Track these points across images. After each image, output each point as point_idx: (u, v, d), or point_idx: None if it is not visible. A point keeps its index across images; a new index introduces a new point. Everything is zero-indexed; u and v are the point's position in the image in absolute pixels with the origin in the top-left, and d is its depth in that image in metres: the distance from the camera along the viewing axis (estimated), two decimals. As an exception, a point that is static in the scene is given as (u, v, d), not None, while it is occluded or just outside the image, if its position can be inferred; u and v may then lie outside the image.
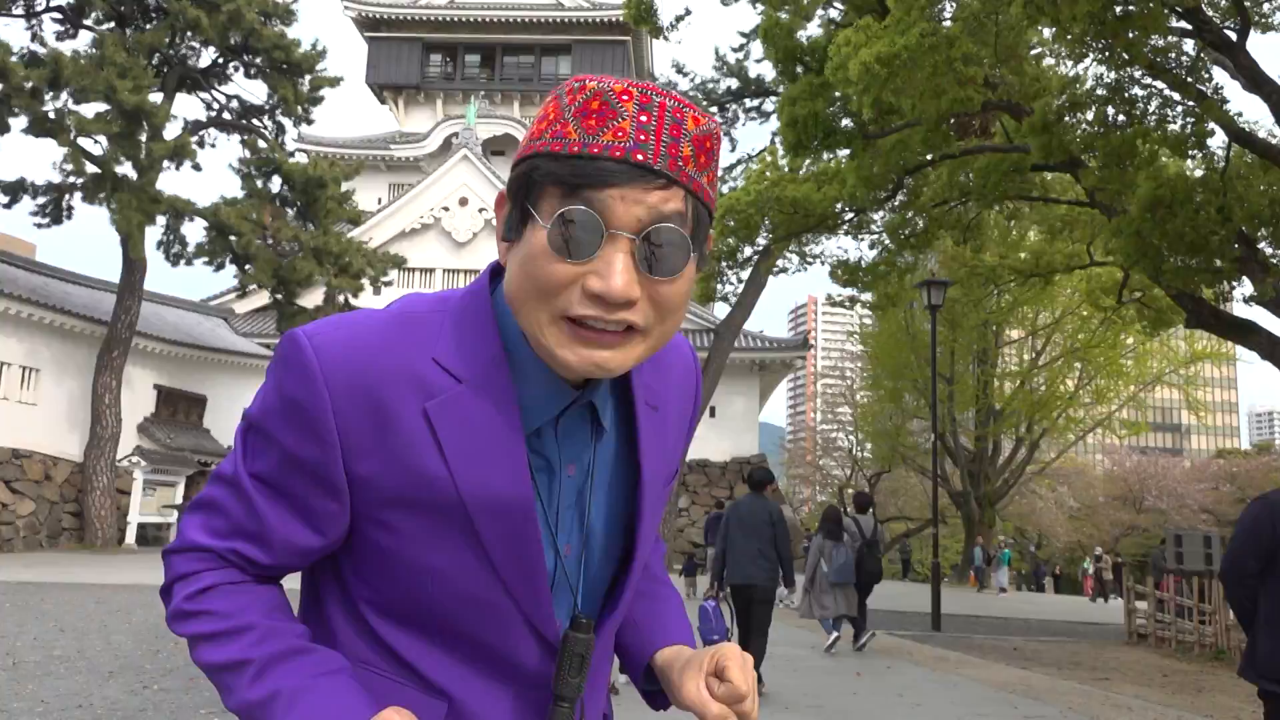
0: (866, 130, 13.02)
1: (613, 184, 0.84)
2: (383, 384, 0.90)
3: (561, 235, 0.85)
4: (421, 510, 0.91)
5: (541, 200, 0.87)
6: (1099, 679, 9.94)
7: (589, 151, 0.84)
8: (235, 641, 0.93)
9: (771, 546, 7.67)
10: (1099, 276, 18.25)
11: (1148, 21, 9.47)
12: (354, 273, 25.63)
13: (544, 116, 0.89)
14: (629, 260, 0.85)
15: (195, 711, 6.28)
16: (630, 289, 0.85)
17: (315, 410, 0.90)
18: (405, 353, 0.92)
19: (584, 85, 0.87)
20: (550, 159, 0.86)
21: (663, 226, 0.85)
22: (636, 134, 0.84)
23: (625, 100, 0.85)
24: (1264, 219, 10.37)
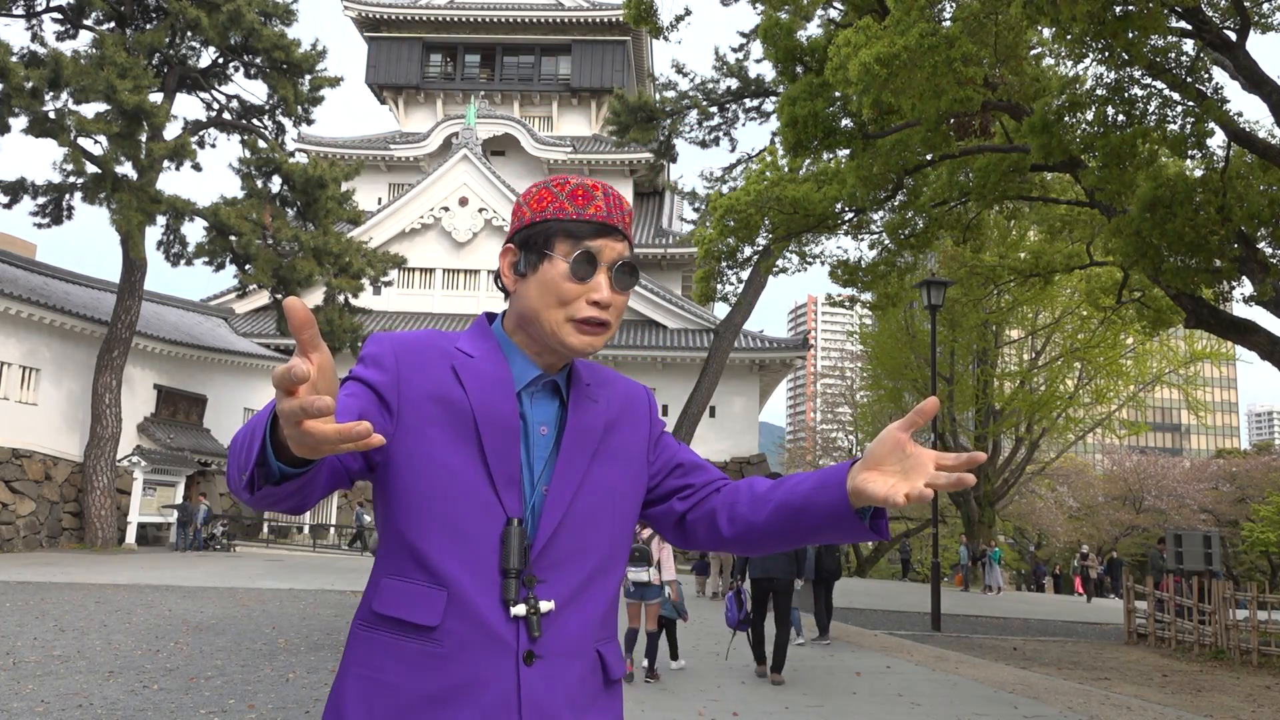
0: (866, 130, 13.02)
1: (601, 237, 1.42)
2: (426, 352, 1.43)
3: (578, 267, 1.39)
4: (446, 423, 1.37)
5: (555, 246, 1.41)
6: (1098, 679, 9.94)
7: (584, 218, 1.41)
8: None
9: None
10: (1099, 276, 18.25)
11: (1148, 21, 9.47)
12: (354, 273, 25.63)
13: (540, 201, 1.44)
14: (609, 281, 1.42)
15: (195, 711, 6.28)
16: (612, 298, 1.42)
17: (383, 357, 1.41)
18: (439, 341, 1.46)
19: (567, 181, 1.45)
20: (559, 223, 1.41)
21: (626, 261, 1.44)
22: (607, 209, 1.43)
23: (595, 189, 1.44)
24: (1264, 219, 10.37)
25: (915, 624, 15.39)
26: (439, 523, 1.35)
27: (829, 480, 1.37)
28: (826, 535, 1.39)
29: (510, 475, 1.38)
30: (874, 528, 1.37)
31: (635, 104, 25.94)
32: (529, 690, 1.33)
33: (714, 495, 1.53)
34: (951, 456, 1.26)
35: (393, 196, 39.27)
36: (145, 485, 24.93)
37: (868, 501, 1.28)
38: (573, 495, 1.41)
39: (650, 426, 1.57)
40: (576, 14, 42.40)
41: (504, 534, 1.35)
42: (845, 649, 10.99)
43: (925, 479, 1.23)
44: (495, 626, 1.32)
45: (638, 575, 8.16)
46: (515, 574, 1.34)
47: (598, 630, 1.43)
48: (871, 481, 1.27)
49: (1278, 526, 39.25)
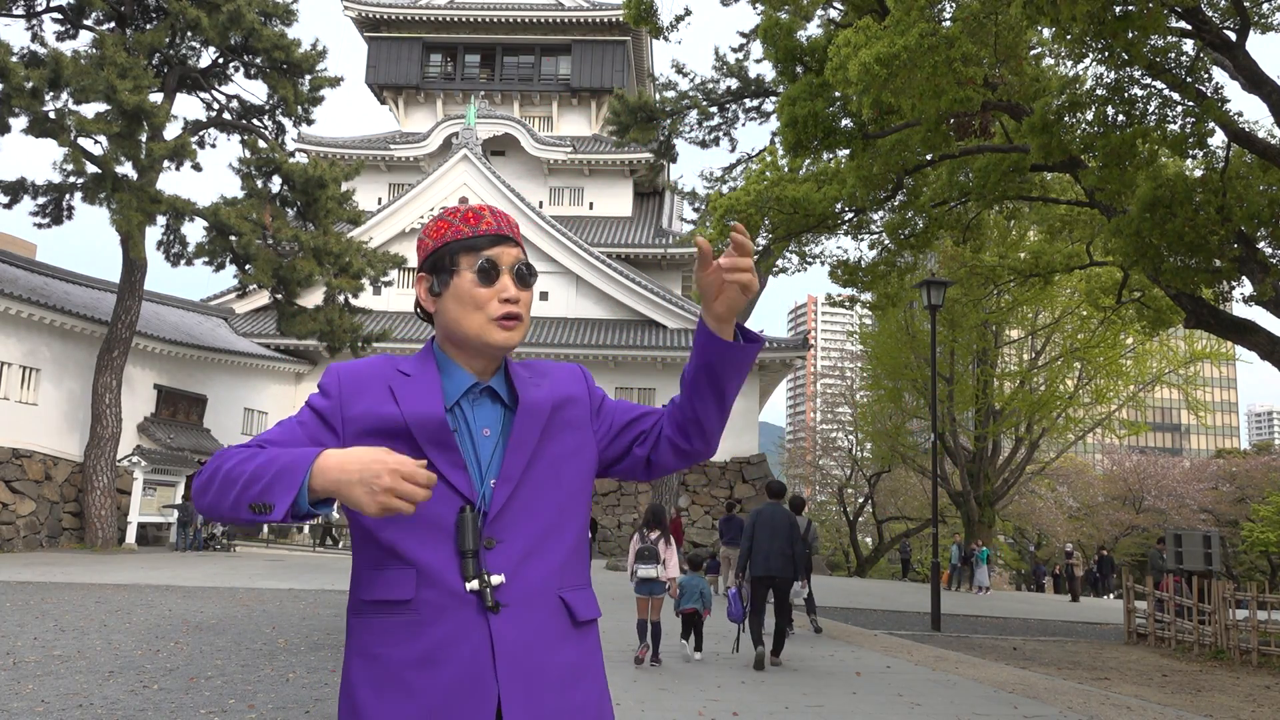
0: (866, 130, 13.01)
1: (498, 246, 1.65)
2: (369, 375, 1.66)
3: (480, 273, 1.62)
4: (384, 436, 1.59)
5: (460, 262, 1.63)
6: (1098, 679, 9.94)
7: (479, 234, 1.64)
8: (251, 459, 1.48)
9: (789, 545, 9.23)
10: (1099, 276, 18.25)
11: (1148, 21, 9.47)
12: (354, 273, 25.62)
13: (439, 229, 1.67)
14: (512, 279, 1.64)
15: (195, 711, 6.28)
16: (519, 294, 1.64)
17: (329, 386, 1.65)
18: (383, 367, 1.67)
19: (457, 210, 1.67)
20: (458, 243, 1.64)
21: (522, 264, 1.67)
22: (497, 224, 1.66)
23: (483, 210, 1.67)
24: (1263, 219, 10.38)
25: (915, 624, 15.39)
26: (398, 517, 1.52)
27: (699, 342, 1.65)
28: (730, 373, 1.64)
29: (453, 461, 1.58)
30: (747, 339, 1.64)
31: (635, 104, 25.93)
32: (500, 636, 1.52)
33: (658, 428, 1.74)
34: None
35: (393, 196, 39.26)
36: (145, 485, 24.93)
37: (720, 316, 1.60)
38: (522, 471, 1.60)
39: (590, 398, 1.76)
40: (576, 14, 42.39)
41: (458, 520, 1.55)
42: (845, 649, 10.99)
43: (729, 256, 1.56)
44: (461, 589, 1.53)
45: (646, 572, 8.85)
46: (471, 554, 1.53)
47: (559, 579, 1.61)
48: (717, 306, 1.59)
49: (1277, 526, 39.25)
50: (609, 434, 1.75)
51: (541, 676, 1.55)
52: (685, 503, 31.76)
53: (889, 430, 37.13)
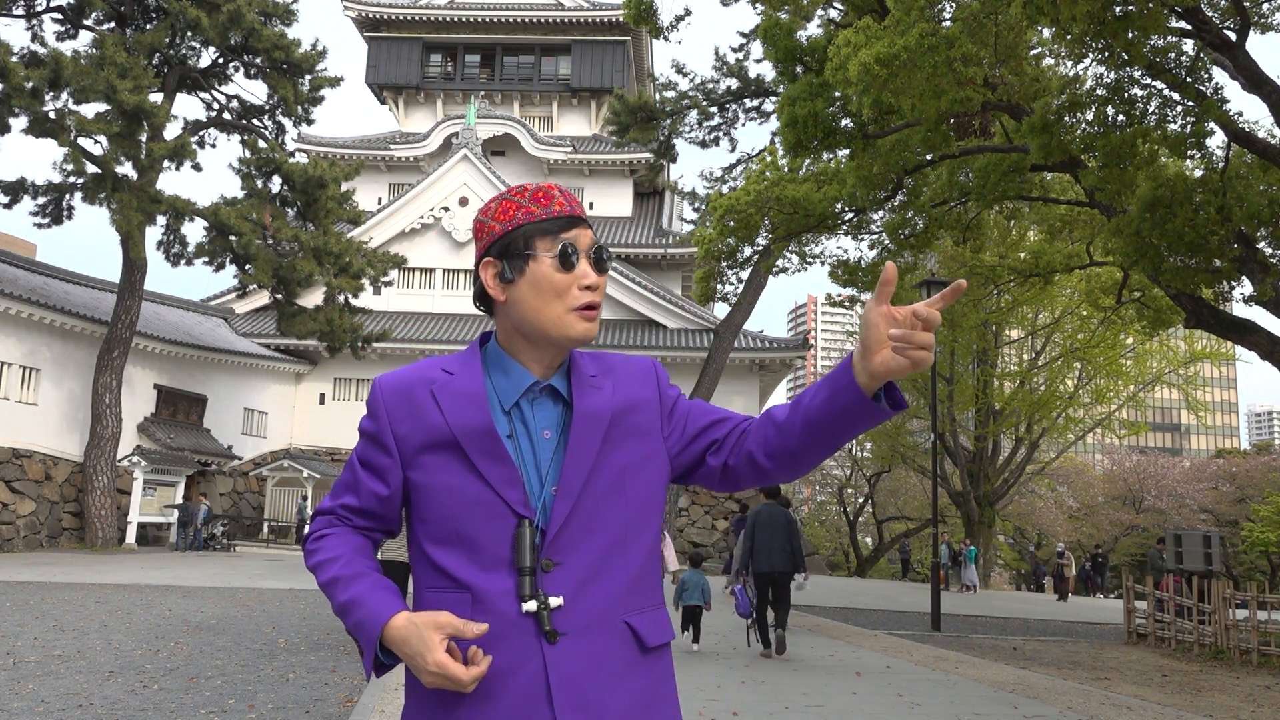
0: (866, 130, 13.01)
1: (575, 228, 1.51)
2: (411, 383, 1.54)
3: (561, 258, 1.48)
4: (436, 450, 1.49)
5: (536, 246, 1.49)
6: (1098, 679, 9.94)
7: (553, 215, 1.50)
8: (331, 567, 1.50)
9: (787, 541, 9.88)
10: (1099, 276, 18.25)
11: (1148, 21, 9.47)
12: (354, 273, 25.62)
13: (507, 211, 1.52)
14: (591, 265, 1.51)
15: (195, 711, 6.28)
16: (598, 280, 1.51)
17: (374, 405, 1.56)
18: (426, 371, 1.56)
19: (524, 188, 1.53)
20: (533, 225, 1.50)
21: (600, 246, 1.53)
22: (569, 205, 1.53)
23: (552, 190, 1.53)
24: (1263, 219, 10.37)
25: (915, 624, 15.39)
26: (452, 537, 1.46)
27: (838, 386, 1.43)
28: (856, 430, 1.46)
29: (507, 477, 1.46)
30: (892, 403, 1.43)
31: (635, 104, 25.94)
32: (556, 668, 1.40)
33: (744, 439, 1.58)
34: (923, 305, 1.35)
35: (393, 196, 39.26)
36: (145, 485, 24.94)
37: (874, 374, 1.37)
38: (583, 484, 1.48)
39: (660, 400, 1.62)
40: (576, 14, 42.38)
41: (515, 535, 1.44)
42: (845, 649, 10.99)
43: (914, 320, 1.34)
44: (516, 616, 1.41)
45: None
46: (528, 572, 1.42)
47: (624, 602, 1.48)
48: (875, 364, 1.37)
49: (1277, 526, 39.24)
50: (681, 440, 1.61)
51: (603, 713, 1.42)
52: (685, 503, 31.77)
53: (889, 430, 37.09)
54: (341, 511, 1.57)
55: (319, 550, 1.54)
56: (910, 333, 1.33)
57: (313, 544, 1.56)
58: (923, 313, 1.33)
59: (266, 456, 31.83)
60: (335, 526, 1.58)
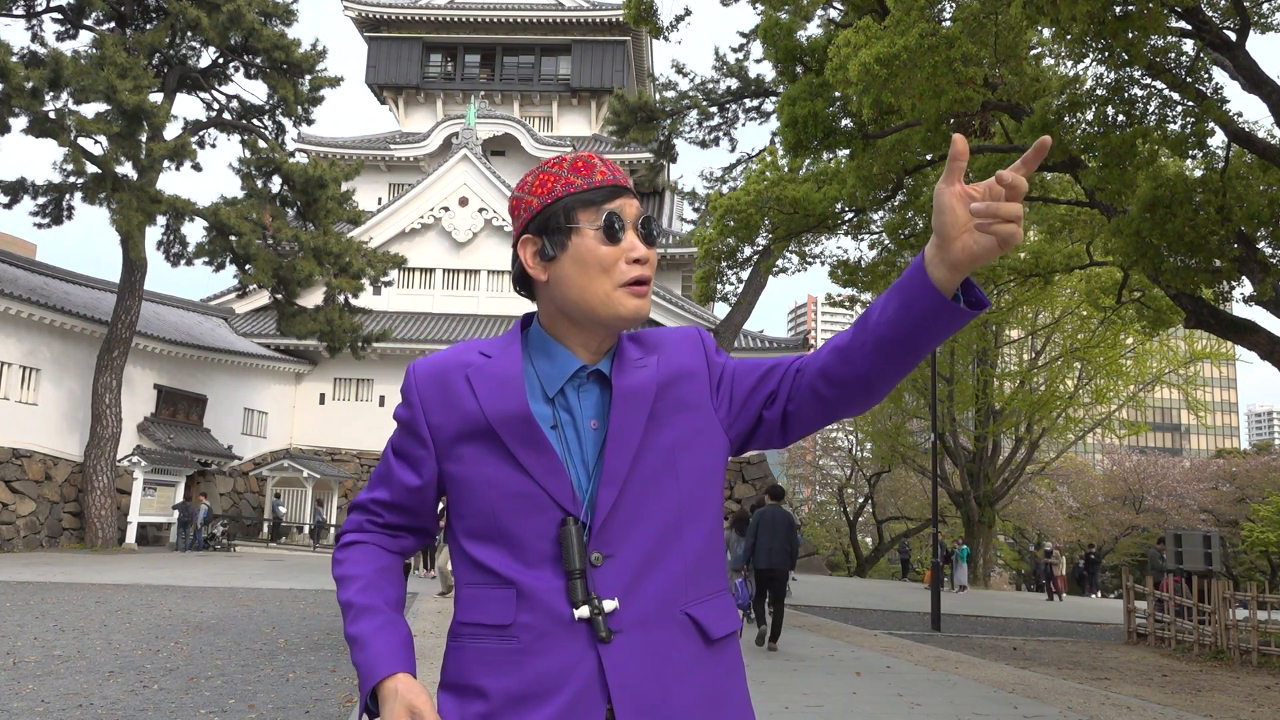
0: (866, 130, 13.01)
1: (619, 198, 1.39)
2: (446, 368, 1.44)
3: (606, 230, 1.36)
4: (472, 439, 1.39)
5: (579, 219, 1.38)
6: (1098, 679, 9.94)
7: (595, 185, 1.39)
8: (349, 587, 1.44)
9: (786, 542, 10.66)
10: (1099, 276, 18.26)
11: (1148, 21, 9.47)
12: (354, 273, 25.62)
13: (545, 184, 1.40)
14: (639, 237, 1.39)
15: (195, 711, 6.28)
16: (648, 253, 1.40)
17: (408, 392, 1.46)
18: (462, 351, 1.47)
19: (563, 159, 1.42)
20: (574, 197, 1.38)
21: (647, 217, 1.41)
22: (611, 174, 1.41)
23: (592, 159, 1.41)
24: (1263, 219, 10.37)
25: (915, 624, 15.39)
26: (493, 533, 1.37)
27: (912, 291, 1.26)
28: (935, 339, 1.30)
29: (549, 467, 1.35)
30: (972, 301, 1.27)
31: (635, 104, 25.94)
32: (614, 669, 1.30)
33: (799, 378, 1.42)
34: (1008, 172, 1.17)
35: (393, 196, 39.26)
36: (145, 485, 24.94)
37: (956, 264, 1.21)
38: (628, 468, 1.36)
39: (709, 369, 1.48)
40: (576, 14, 42.38)
41: (560, 535, 1.34)
42: (845, 649, 10.99)
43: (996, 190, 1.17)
44: (566, 613, 1.32)
45: None
46: (579, 574, 1.31)
47: (684, 592, 1.37)
48: (957, 251, 1.21)
49: (1278, 526, 39.24)
50: (733, 407, 1.46)
51: (669, 714, 1.31)
52: (685, 503, 31.74)
53: (889, 430, 37.12)
54: (373, 507, 1.50)
55: (344, 562, 1.47)
56: (995, 204, 1.17)
57: (341, 552, 1.50)
58: (1007, 178, 1.16)
59: (266, 456, 31.84)
60: (366, 533, 1.50)
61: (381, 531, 1.50)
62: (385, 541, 1.50)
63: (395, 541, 1.51)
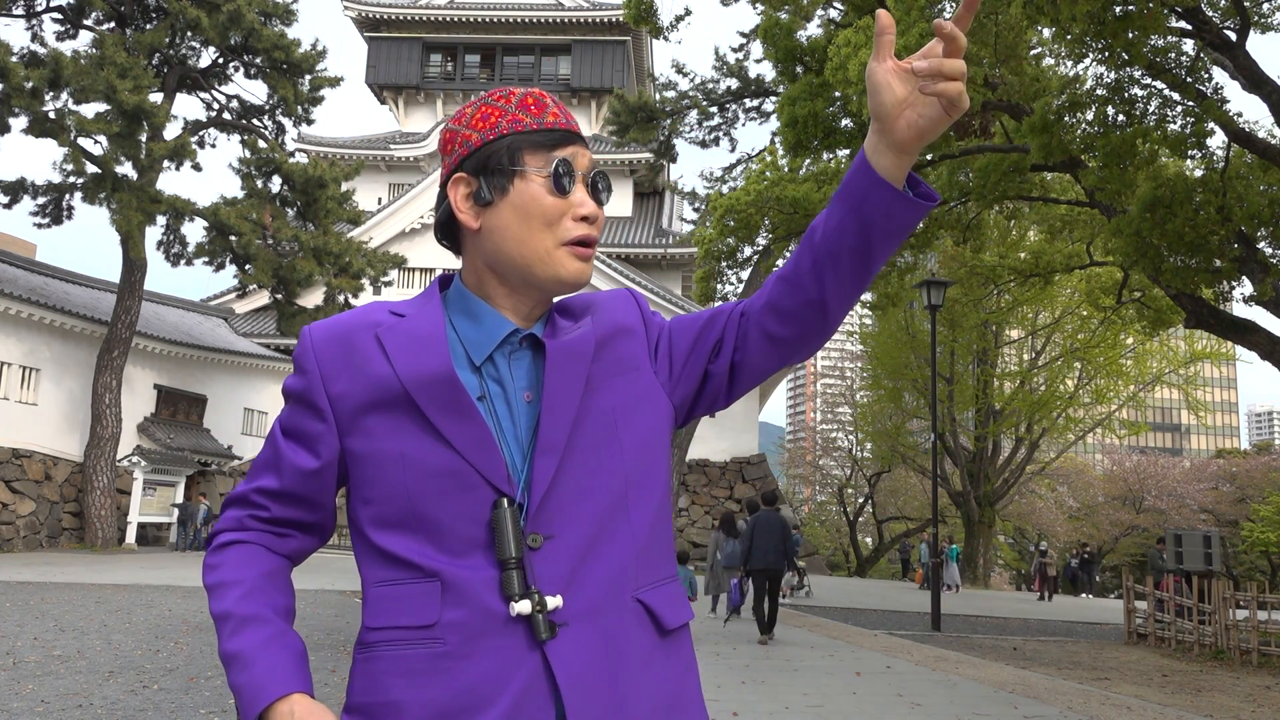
0: (866, 130, 13.00)
1: (570, 145, 1.23)
2: (351, 329, 1.24)
3: (558, 178, 1.20)
4: (383, 409, 1.19)
5: (524, 161, 1.21)
6: (1098, 679, 9.94)
7: (546, 126, 1.22)
8: (226, 595, 1.20)
9: (781, 543, 11.42)
10: (1099, 276, 18.26)
11: (1148, 21, 9.47)
12: (354, 273, 25.62)
13: (487, 117, 1.23)
14: (588, 192, 1.24)
15: (195, 711, 6.28)
16: (597, 211, 1.24)
17: (303, 358, 1.25)
18: (369, 311, 1.28)
19: (510, 91, 1.26)
20: (521, 135, 1.21)
21: (600, 171, 1.26)
22: (564, 116, 1.25)
23: (544, 97, 1.26)
24: (1264, 219, 10.38)
25: (915, 624, 15.39)
26: (408, 519, 1.17)
27: (858, 188, 1.14)
28: (891, 241, 1.17)
29: (477, 438, 1.17)
30: (921, 194, 1.15)
31: (635, 104, 25.94)
32: (563, 668, 1.12)
33: (745, 320, 1.29)
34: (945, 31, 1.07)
35: (393, 196, 39.27)
36: (145, 485, 24.94)
37: (901, 146, 1.10)
38: (567, 436, 1.19)
39: (646, 329, 1.33)
40: (576, 14, 42.40)
41: (492, 519, 1.15)
42: (845, 649, 10.99)
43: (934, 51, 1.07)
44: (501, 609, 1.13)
45: None
46: (515, 563, 1.13)
47: (634, 575, 1.20)
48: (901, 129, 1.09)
49: (1278, 526, 39.24)
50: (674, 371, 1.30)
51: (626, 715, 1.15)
52: (685, 503, 31.77)
53: (889, 430, 37.13)
54: (257, 499, 1.25)
55: (219, 567, 1.22)
56: (937, 61, 1.06)
57: (214, 555, 1.24)
58: (946, 28, 1.05)
59: (266, 456, 31.83)
60: (247, 531, 1.26)
61: (266, 529, 1.27)
62: (271, 541, 1.27)
63: (283, 542, 1.28)
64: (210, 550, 1.27)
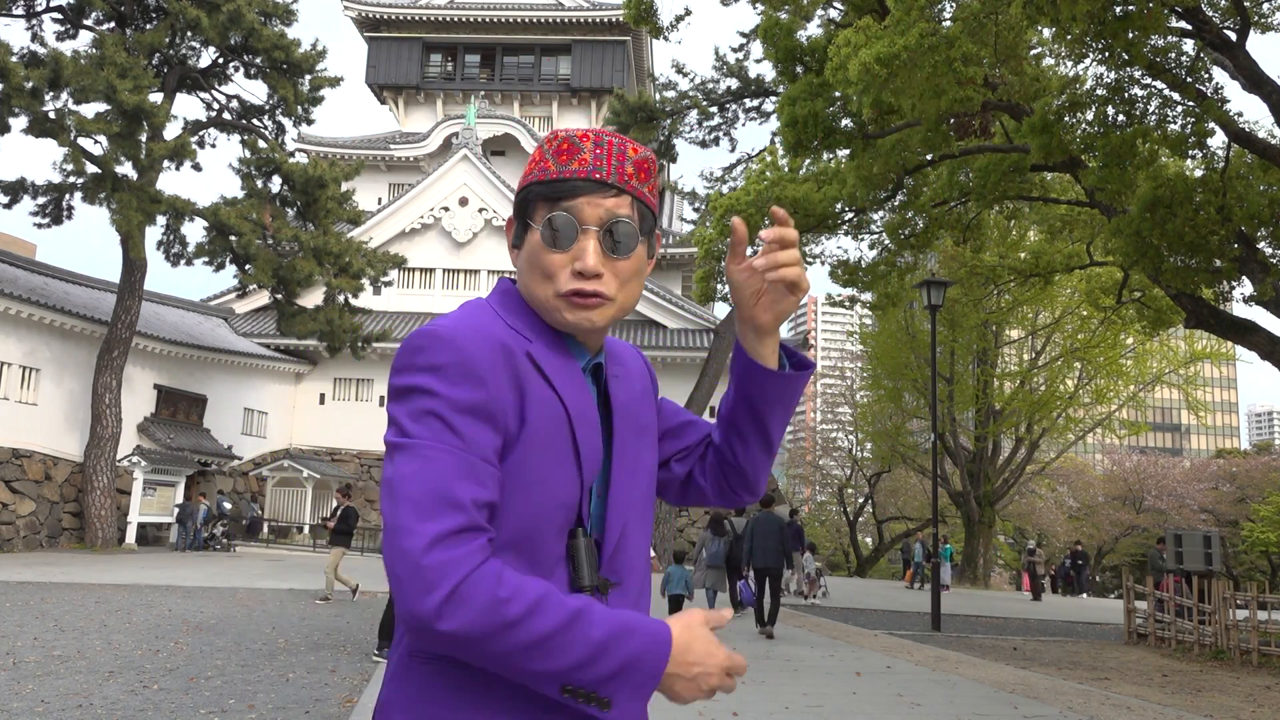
0: (866, 130, 13.01)
1: (580, 195, 1.22)
2: (502, 340, 1.19)
3: (550, 233, 1.22)
4: (541, 424, 1.18)
5: (536, 214, 1.25)
6: (1098, 679, 9.94)
7: (563, 176, 1.23)
8: (549, 605, 1.07)
9: (780, 543, 12.04)
10: (1099, 276, 18.25)
11: (1148, 21, 9.47)
12: (354, 273, 25.62)
13: (532, 160, 1.27)
14: (597, 246, 1.22)
15: (195, 711, 6.28)
16: (599, 265, 1.22)
17: (472, 363, 1.15)
18: (493, 322, 1.23)
19: (557, 134, 1.26)
20: (539, 185, 1.24)
21: (617, 222, 1.23)
22: (594, 161, 1.23)
23: (585, 141, 1.25)
24: (1264, 219, 10.37)
25: (915, 624, 15.39)
26: (521, 540, 1.17)
27: (740, 375, 1.34)
28: (781, 410, 1.35)
29: (594, 476, 1.23)
30: (797, 364, 1.35)
31: (635, 104, 25.94)
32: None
33: (707, 453, 1.45)
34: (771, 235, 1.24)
35: (393, 196, 39.26)
36: (145, 485, 24.93)
37: (763, 328, 1.29)
38: (628, 493, 1.26)
39: (655, 394, 1.43)
40: (576, 14, 42.39)
41: (571, 548, 1.18)
42: (845, 649, 10.99)
43: (769, 249, 1.24)
44: None
45: None
46: (589, 592, 1.17)
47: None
48: (759, 314, 1.28)
49: (1278, 526, 39.26)
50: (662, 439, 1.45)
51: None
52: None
53: (889, 430, 37.12)
54: (479, 517, 1.10)
55: (518, 594, 1.06)
56: (772, 257, 1.22)
57: (494, 587, 1.06)
58: (769, 235, 1.23)
59: (266, 456, 31.84)
60: (495, 559, 1.12)
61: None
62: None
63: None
64: (471, 586, 1.06)
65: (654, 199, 1.29)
